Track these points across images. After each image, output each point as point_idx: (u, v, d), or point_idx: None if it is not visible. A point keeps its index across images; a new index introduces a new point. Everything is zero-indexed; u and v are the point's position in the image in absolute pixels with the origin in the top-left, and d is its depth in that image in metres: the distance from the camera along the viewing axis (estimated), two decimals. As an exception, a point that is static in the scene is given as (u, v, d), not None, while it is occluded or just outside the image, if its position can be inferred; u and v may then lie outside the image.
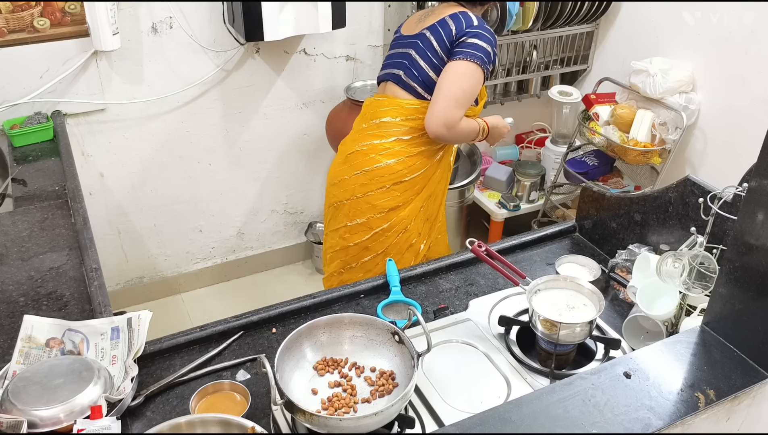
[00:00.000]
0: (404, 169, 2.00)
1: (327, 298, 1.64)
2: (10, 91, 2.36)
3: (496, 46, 1.93)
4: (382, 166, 2.00)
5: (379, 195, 2.02)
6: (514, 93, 3.32)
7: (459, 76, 1.90)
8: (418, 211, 2.07)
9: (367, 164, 2.01)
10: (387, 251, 2.07)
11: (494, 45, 1.93)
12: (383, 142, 2.01)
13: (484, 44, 1.89)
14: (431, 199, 2.11)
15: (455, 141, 2.06)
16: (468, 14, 1.94)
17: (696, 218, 1.54)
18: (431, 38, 1.95)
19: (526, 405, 1.17)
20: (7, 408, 1.21)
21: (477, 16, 1.95)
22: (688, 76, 2.73)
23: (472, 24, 1.91)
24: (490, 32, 1.92)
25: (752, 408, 1.30)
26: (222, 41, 2.63)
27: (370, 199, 2.03)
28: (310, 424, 1.20)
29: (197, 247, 3.08)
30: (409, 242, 2.08)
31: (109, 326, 1.44)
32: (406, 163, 2.00)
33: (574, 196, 3.23)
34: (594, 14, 3.05)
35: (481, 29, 1.91)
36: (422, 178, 2.05)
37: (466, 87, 1.90)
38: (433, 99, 1.92)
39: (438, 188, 2.13)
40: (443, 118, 1.88)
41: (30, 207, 1.92)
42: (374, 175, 2.01)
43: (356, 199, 2.04)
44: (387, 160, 1.99)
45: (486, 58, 1.90)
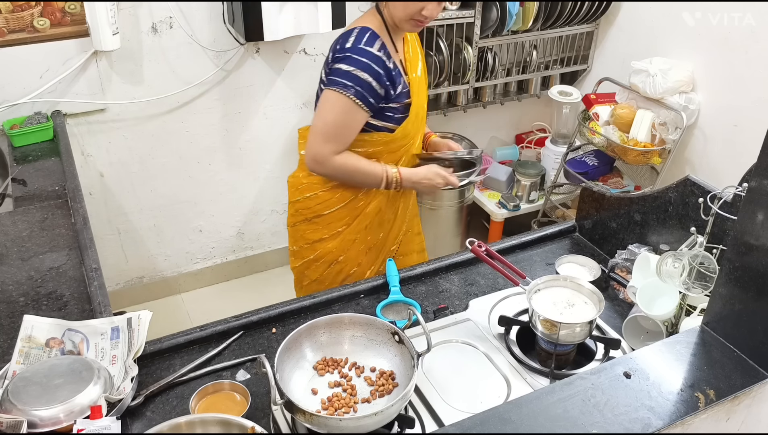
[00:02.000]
0: (320, 205, 1.92)
1: (327, 298, 1.64)
2: (10, 91, 2.36)
3: (378, 66, 1.68)
4: (300, 200, 1.95)
5: (304, 226, 1.97)
6: (514, 93, 3.32)
7: (321, 107, 1.75)
8: (351, 242, 1.97)
9: (292, 196, 1.99)
10: (321, 280, 2.01)
11: (368, 67, 1.67)
12: (302, 175, 1.94)
13: (350, 68, 1.67)
14: (370, 230, 1.98)
15: (341, 179, 1.86)
16: (351, 33, 1.71)
17: (696, 218, 1.54)
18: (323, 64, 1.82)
19: (526, 405, 1.17)
20: (7, 408, 1.21)
21: (363, 33, 1.70)
22: (688, 76, 2.73)
23: (344, 45, 1.70)
24: (363, 52, 1.67)
25: (752, 408, 1.30)
26: (222, 41, 2.63)
27: (298, 229, 2.00)
28: (310, 424, 1.20)
29: (197, 247, 3.08)
30: (346, 272, 2.00)
31: (109, 326, 1.44)
32: (320, 198, 1.91)
33: (574, 196, 3.24)
34: (594, 14, 3.06)
35: (352, 51, 1.68)
36: (347, 211, 1.93)
37: (328, 120, 1.73)
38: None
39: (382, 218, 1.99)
40: (310, 153, 1.77)
41: (30, 207, 1.92)
42: (298, 207, 1.97)
43: (293, 226, 2.02)
44: (305, 194, 1.93)
45: (352, 84, 1.67)
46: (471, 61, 2.93)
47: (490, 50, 3.00)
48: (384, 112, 1.80)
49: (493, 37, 2.96)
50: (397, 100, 1.79)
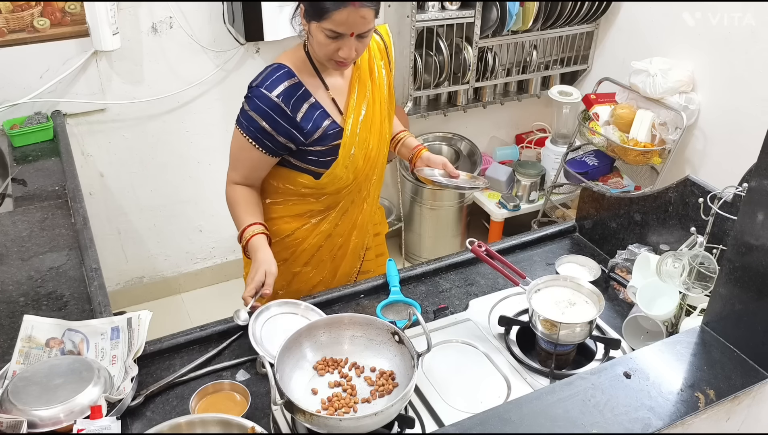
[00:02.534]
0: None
1: (327, 298, 1.64)
2: (10, 91, 2.36)
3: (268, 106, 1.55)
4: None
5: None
6: (514, 93, 3.32)
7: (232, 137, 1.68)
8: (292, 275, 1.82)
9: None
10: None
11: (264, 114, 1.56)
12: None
13: (249, 109, 1.57)
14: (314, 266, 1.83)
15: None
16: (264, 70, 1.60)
17: (696, 218, 1.54)
18: None
19: (526, 405, 1.17)
20: (7, 408, 1.21)
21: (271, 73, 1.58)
22: (688, 76, 2.73)
23: (252, 81, 1.59)
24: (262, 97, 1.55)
25: (752, 408, 1.30)
26: (222, 41, 2.63)
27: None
28: (310, 424, 1.20)
29: (197, 247, 3.08)
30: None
31: (109, 326, 1.44)
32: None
33: (574, 196, 3.23)
34: (594, 14, 3.06)
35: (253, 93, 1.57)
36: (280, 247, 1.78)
37: (231, 149, 1.67)
38: None
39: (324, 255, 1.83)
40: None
41: (30, 207, 1.92)
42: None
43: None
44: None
45: (247, 124, 1.58)
46: (471, 61, 2.93)
47: (490, 50, 3.00)
48: (305, 155, 1.65)
49: (493, 37, 2.96)
50: (318, 144, 1.63)
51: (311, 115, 1.61)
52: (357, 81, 1.68)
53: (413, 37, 2.78)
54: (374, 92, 1.71)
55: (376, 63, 1.72)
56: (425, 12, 2.77)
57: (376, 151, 1.74)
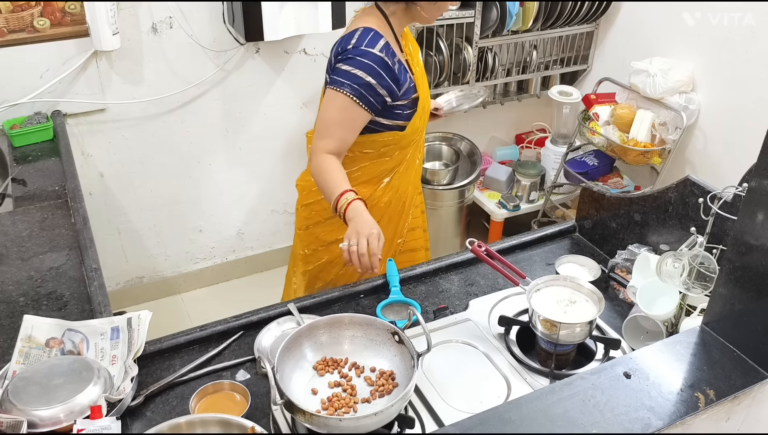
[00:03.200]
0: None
1: (327, 298, 1.64)
2: (10, 91, 2.36)
3: (379, 66, 1.66)
4: (314, 202, 1.94)
5: (318, 229, 1.95)
6: (514, 93, 3.32)
7: (322, 105, 1.75)
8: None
9: (304, 199, 1.97)
10: (335, 281, 1.98)
11: (368, 67, 1.66)
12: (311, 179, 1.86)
13: (350, 67, 1.66)
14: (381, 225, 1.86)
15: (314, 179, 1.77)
16: (354, 34, 1.70)
17: (696, 218, 1.54)
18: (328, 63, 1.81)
19: (526, 405, 1.17)
20: (7, 408, 1.21)
21: (366, 34, 1.69)
22: (688, 76, 2.73)
23: (347, 46, 1.69)
24: (365, 53, 1.66)
25: (752, 408, 1.30)
26: (222, 41, 2.63)
27: (311, 232, 1.97)
28: (310, 424, 1.20)
29: (197, 247, 3.08)
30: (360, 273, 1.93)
31: (109, 326, 1.44)
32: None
33: (574, 196, 3.24)
34: (594, 14, 3.06)
35: (354, 52, 1.67)
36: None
37: (326, 116, 1.72)
38: None
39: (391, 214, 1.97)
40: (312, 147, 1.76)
41: (30, 207, 1.92)
42: (311, 209, 1.95)
43: (302, 230, 2.00)
44: (319, 196, 1.87)
45: (351, 82, 1.66)
46: (471, 61, 2.93)
47: (490, 50, 3.00)
48: (392, 111, 1.78)
49: (493, 37, 2.96)
50: (404, 97, 1.77)
51: (401, 71, 1.75)
52: (409, 41, 1.88)
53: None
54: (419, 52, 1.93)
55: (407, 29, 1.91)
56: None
57: (429, 103, 1.93)
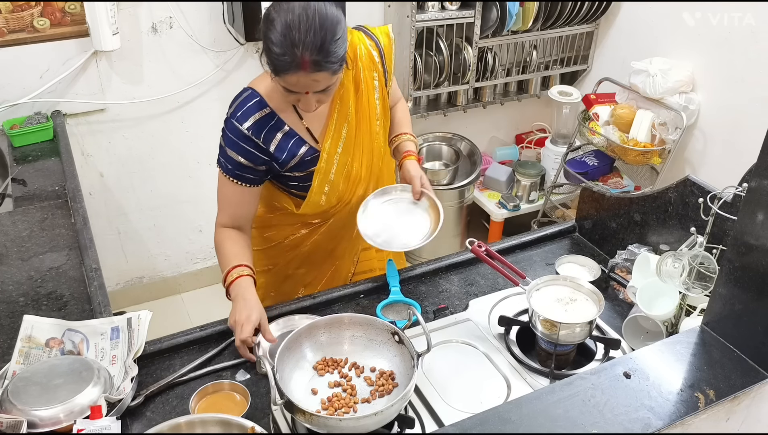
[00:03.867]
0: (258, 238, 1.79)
1: (327, 298, 1.64)
2: (10, 91, 2.36)
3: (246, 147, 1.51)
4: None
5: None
6: (514, 93, 3.32)
7: None
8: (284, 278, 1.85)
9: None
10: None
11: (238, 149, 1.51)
12: None
13: (223, 143, 1.54)
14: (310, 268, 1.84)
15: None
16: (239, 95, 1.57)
17: (696, 218, 1.54)
18: None
19: (526, 405, 1.17)
20: (7, 408, 1.21)
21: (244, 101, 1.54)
22: (688, 76, 2.73)
23: (227, 111, 1.56)
24: (233, 129, 1.52)
25: (752, 408, 1.30)
26: (222, 41, 2.63)
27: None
28: (310, 424, 1.20)
29: (197, 247, 3.08)
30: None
31: (109, 326, 1.44)
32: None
33: (574, 196, 3.23)
34: (594, 14, 3.06)
35: (225, 123, 1.54)
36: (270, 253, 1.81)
37: (218, 191, 1.60)
38: None
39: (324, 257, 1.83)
40: None
41: (30, 207, 1.92)
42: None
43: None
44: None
45: (225, 161, 1.54)
46: (471, 61, 2.93)
47: (490, 50, 3.00)
48: (286, 181, 1.64)
49: (493, 37, 2.96)
50: (296, 170, 1.59)
51: (285, 145, 1.55)
52: (338, 102, 1.59)
53: (413, 37, 2.78)
54: (359, 109, 1.62)
55: (363, 75, 1.61)
56: (425, 12, 2.77)
57: (367, 168, 1.68)
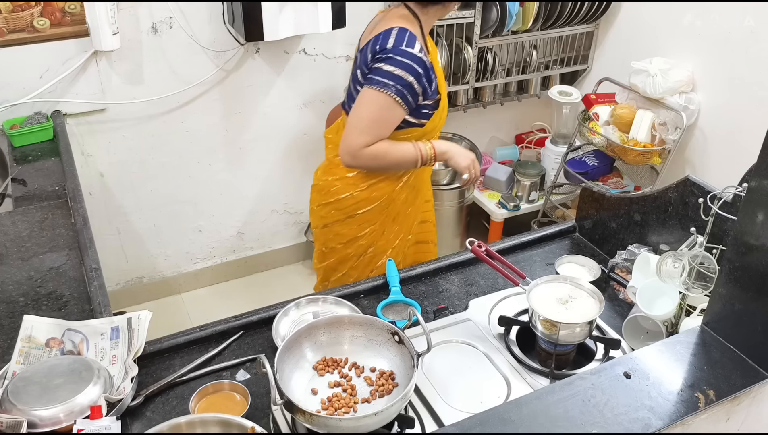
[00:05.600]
0: (358, 203, 1.97)
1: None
2: (10, 91, 2.36)
3: (419, 66, 1.74)
4: (334, 201, 2.00)
5: (338, 225, 2.02)
6: (514, 93, 3.32)
7: (360, 103, 1.80)
8: (381, 234, 2.04)
9: (324, 198, 2.03)
10: (350, 272, 2.07)
11: (410, 67, 1.73)
12: (333, 178, 1.99)
13: (392, 68, 1.73)
14: (398, 221, 2.05)
15: (374, 169, 1.92)
16: (390, 34, 1.75)
17: (696, 218, 1.54)
18: (357, 66, 1.87)
19: (526, 405, 1.17)
20: (7, 408, 1.21)
21: (402, 35, 1.75)
22: (688, 76, 2.73)
23: (384, 46, 1.74)
24: (405, 53, 1.72)
25: (752, 408, 1.30)
26: (222, 41, 2.63)
27: (332, 228, 2.04)
28: (310, 424, 1.20)
29: (197, 247, 3.08)
30: (374, 265, 2.06)
31: (108, 326, 1.44)
32: (359, 197, 1.96)
33: (574, 196, 3.23)
34: (594, 14, 3.06)
35: (394, 52, 1.73)
36: (380, 208, 1.99)
37: (365, 114, 1.78)
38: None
39: (405, 209, 2.06)
40: (344, 146, 1.82)
41: (30, 207, 1.92)
42: (332, 207, 2.01)
43: (322, 228, 2.07)
44: (339, 195, 1.98)
45: (393, 82, 1.73)
46: (471, 61, 2.93)
47: (490, 50, 3.00)
48: (420, 110, 1.85)
49: (493, 37, 2.96)
50: (431, 97, 1.85)
51: (431, 70, 1.81)
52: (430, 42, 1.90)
53: (413, 37, 2.78)
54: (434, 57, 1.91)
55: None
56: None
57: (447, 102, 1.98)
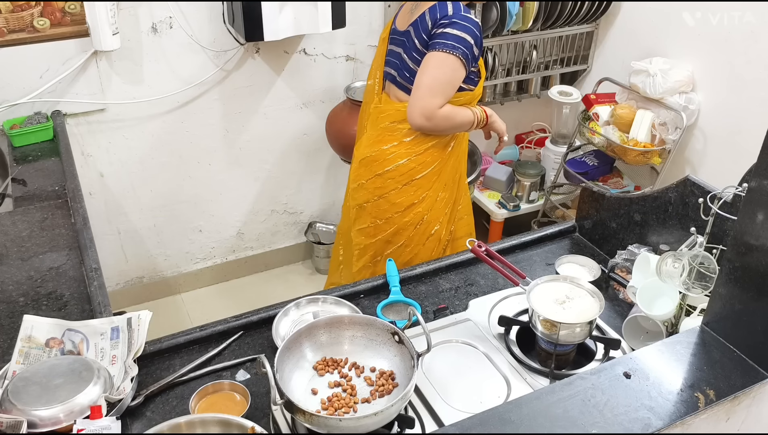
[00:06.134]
0: (415, 168, 2.07)
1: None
2: (10, 91, 2.36)
3: (477, 31, 1.90)
4: (392, 168, 2.08)
5: (395, 194, 2.10)
6: (514, 93, 3.32)
7: (430, 66, 1.90)
8: (434, 201, 2.13)
9: (380, 168, 2.10)
10: (407, 243, 2.15)
11: (472, 31, 1.89)
12: (390, 146, 2.07)
13: (457, 32, 1.87)
14: (447, 187, 2.16)
15: (444, 130, 2.04)
16: (446, 4, 1.90)
17: (696, 218, 1.54)
18: (414, 37, 1.97)
19: (526, 405, 1.17)
20: (6, 408, 1.21)
21: (457, 3, 1.91)
22: (688, 76, 2.73)
23: (446, 13, 1.89)
24: (466, 18, 1.89)
25: (752, 408, 1.30)
26: (222, 41, 2.63)
27: (388, 199, 2.11)
28: (310, 424, 1.20)
29: (197, 247, 3.08)
30: (429, 232, 2.14)
31: (108, 326, 1.44)
32: (416, 161, 2.06)
33: (574, 196, 3.23)
34: (594, 14, 3.05)
35: (456, 17, 1.88)
36: (434, 173, 2.10)
37: (437, 75, 1.90)
38: (411, 93, 1.96)
39: (452, 176, 2.17)
40: (419, 109, 1.91)
41: (30, 207, 1.92)
42: (387, 177, 2.09)
43: (376, 200, 2.13)
44: (397, 162, 2.06)
45: (460, 45, 1.87)
46: (471, 61, 2.93)
47: (490, 50, 3.00)
48: (469, 76, 1.97)
49: (493, 37, 2.96)
50: (476, 65, 1.99)
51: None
52: None
53: (413, 37, 2.78)
54: None
55: None
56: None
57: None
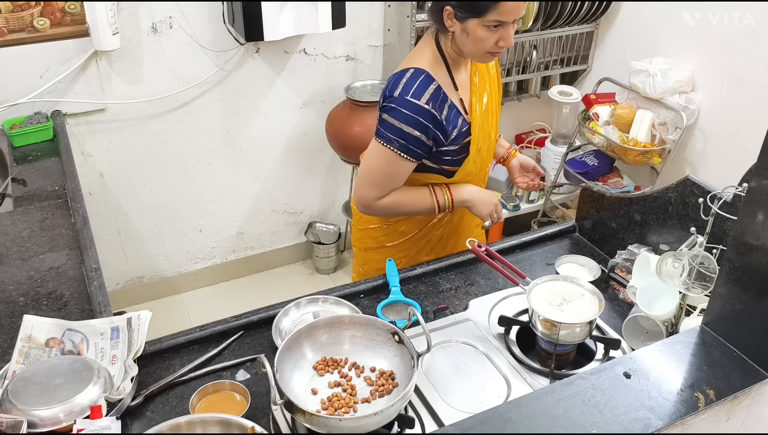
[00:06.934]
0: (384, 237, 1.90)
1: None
2: (10, 91, 2.36)
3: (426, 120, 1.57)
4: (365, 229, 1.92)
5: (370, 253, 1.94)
6: (514, 93, 3.32)
7: (368, 154, 1.70)
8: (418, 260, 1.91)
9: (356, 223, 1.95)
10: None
11: (416, 122, 1.57)
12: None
13: (396, 121, 1.57)
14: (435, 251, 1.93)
15: (392, 216, 1.82)
16: (402, 76, 1.59)
17: (696, 218, 1.54)
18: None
19: (526, 405, 1.17)
20: (6, 408, 1.21)
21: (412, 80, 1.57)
22: (688, 76, 2.73)
23: (393, 93, 1.58)
24: (410, 105, 1.56)
25: (752, 408, 1.30)
26: (222, 41, 2.63)
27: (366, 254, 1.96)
28: (310, 424, 1.20)
29: (197, 247, 3.08)
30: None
31: (108, 326, 1.44)
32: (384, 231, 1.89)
33: (574, 196, 3.23)
34: (594, 14, 3.05)
35: (398, 103, 1.57)
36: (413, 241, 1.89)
37: (372, 168, 1.67)
38: None
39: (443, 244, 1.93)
40: (356, 197, 1.73)
41: (30, 207, 1.92)
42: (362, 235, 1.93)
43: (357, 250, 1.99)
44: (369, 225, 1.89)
45: (396, 137, 1.59)
46: (471, 61, 2.93)
47: (490, 50, 3.00)
48: (439, 156, 1.68)
49: (493, 37, 2.96)
50: (453, 143, 1.67)
51: (450, 117, 1.63)
52: (476, 73, 1.71)
53: (413, 37, 2.78)
54: (491, 81, 1.76)
55: None
56: (425, 12, 2.77)
57: (488, 142, 1.79)
